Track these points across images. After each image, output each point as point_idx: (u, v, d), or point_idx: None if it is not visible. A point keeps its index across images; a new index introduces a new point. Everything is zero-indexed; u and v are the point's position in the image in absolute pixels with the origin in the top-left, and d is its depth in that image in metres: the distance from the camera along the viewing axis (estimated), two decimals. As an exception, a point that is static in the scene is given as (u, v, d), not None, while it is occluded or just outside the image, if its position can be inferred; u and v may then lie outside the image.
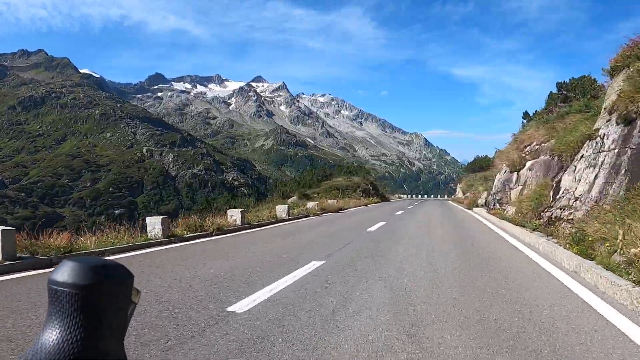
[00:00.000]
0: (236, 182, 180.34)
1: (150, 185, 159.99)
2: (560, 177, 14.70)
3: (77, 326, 0.69)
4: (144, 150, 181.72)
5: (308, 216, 26.21)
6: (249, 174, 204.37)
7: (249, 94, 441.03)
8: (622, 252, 6.97)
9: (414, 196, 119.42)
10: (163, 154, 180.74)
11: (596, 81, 25.52)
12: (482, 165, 60.32)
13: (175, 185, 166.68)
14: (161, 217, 13.28)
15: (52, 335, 0.69)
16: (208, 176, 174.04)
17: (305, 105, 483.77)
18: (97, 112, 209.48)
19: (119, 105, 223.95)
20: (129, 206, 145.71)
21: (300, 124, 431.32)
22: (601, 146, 11.83)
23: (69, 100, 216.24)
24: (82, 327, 0.69)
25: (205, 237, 14.42)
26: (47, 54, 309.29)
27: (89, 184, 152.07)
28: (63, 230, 11.06)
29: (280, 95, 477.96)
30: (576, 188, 12.42)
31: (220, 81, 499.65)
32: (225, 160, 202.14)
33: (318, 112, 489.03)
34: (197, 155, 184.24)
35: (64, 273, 0.71)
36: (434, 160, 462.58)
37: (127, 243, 11.39)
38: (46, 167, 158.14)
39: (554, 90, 32.16)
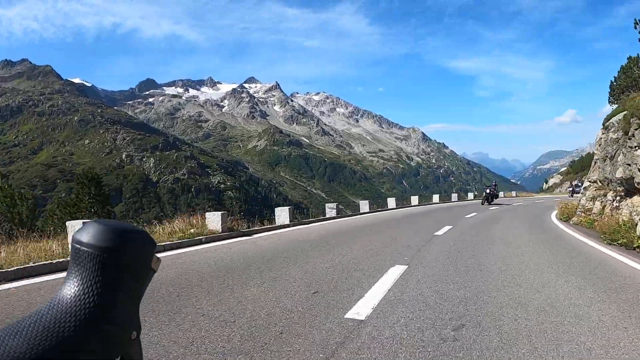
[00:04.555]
0: (222, 186, 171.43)
1: (129, 192, 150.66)
2: None
3: (95, 286, 0.70)
4: (124, 155, 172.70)
5: None
6: (237, 176, 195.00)
7: (242, 95, 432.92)
8: None
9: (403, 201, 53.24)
10: (144, 159, 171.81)
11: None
12: None
13: (157, 192, 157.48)
14: None
15: (70, 291, 0.70)
16: (192, 180, 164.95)
17: (299, 105, 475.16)
18: (75, 118, 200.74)
19: (99, 111, 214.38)
20: (106, 216, 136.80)
21: (295, 123, 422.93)
22: None
23: (47, 108, 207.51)
24: (99, 287, 0.70)
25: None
26: (31, 63, 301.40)
27: (63, 195, 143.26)
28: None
29: (273, 96, 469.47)
30: None
31: (213, 84, 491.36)
32: (211, 162, 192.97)
33: (313, 111, 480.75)
34: (180, 158, 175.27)
35: (88, 233, 0.72)
36: (432, 154, 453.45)
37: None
38: (20, 179, 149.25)
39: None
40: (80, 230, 0.73)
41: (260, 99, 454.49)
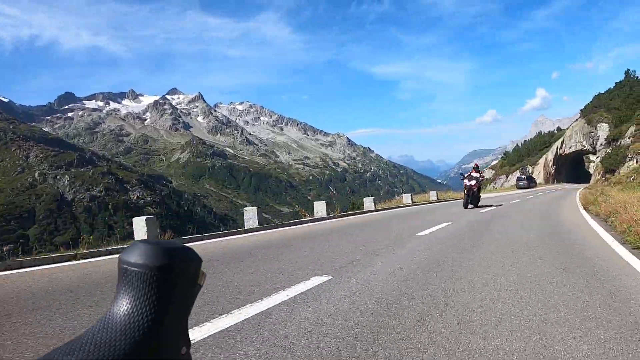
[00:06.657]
0: (142, 201, 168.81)
1: (43, 213, 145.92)
2: None
3: (145, 304, 0.71)
4: (36, 174, 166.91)
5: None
6: (157, 190, 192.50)
7: (165, 107, 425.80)
8: None
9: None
10: (58, 177, 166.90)
11: None
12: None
13: (72, 211, 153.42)
14: None
15: (120, 310, 0.72)
16: (109, 197, 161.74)
17: (223, 115, 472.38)
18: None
19: (11, 127, 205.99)
20: (18, 241, 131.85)
21: (219, 134, 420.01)
22: None
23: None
24: (149, 306, 0.72)
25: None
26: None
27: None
28: None
29: (196, 107, 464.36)
30: None
31: (135, 96, 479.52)
32: (130, 177, 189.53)
33: (237, 121, 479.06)
34: (96, 174, 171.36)
35: (135, 254, 0.73)
36: (358, 159, 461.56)
37: None
38: None
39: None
40: (126, 251, 0.75)
41: (183, 110, 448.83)
